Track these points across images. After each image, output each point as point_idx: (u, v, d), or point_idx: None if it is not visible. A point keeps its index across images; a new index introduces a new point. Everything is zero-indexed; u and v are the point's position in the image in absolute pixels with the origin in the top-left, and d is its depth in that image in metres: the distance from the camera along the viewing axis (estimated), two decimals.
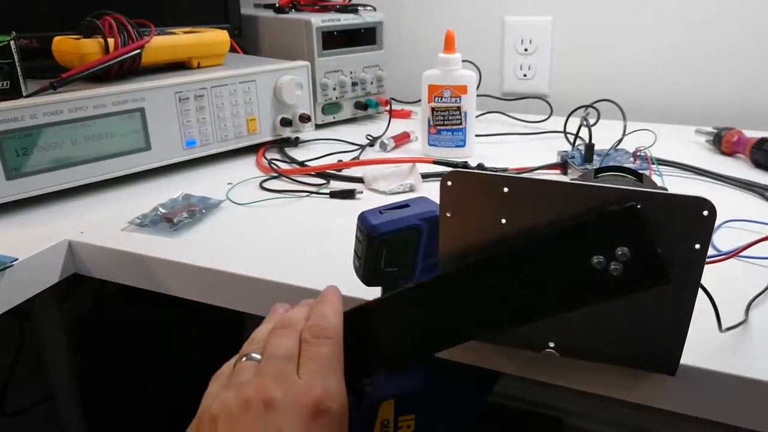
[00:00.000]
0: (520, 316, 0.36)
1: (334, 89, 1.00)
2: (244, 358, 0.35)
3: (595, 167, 0.74)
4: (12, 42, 0.64)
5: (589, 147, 0.76)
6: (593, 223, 0.33)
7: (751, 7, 0.95)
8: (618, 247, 0.32)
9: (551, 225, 0.34)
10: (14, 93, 0.65)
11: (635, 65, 1.04)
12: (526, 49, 1.10)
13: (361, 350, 0.36)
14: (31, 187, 0.66)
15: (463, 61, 0.81)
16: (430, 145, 0.84)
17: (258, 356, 0.35)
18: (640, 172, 0.43)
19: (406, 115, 1.06)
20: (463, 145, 0.83)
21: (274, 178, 0.76)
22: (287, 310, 0.40)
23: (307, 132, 0.91)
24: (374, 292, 0.46)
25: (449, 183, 0.36)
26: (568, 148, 0.82)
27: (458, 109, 0.81)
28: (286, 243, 0.59)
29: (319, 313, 0.37)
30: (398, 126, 0.95)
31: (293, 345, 0.35)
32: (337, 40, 0.99)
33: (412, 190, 0.71)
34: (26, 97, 0.66)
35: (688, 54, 1.01)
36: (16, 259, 0.55)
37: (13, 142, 0.64)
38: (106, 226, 0.63)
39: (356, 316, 0.38)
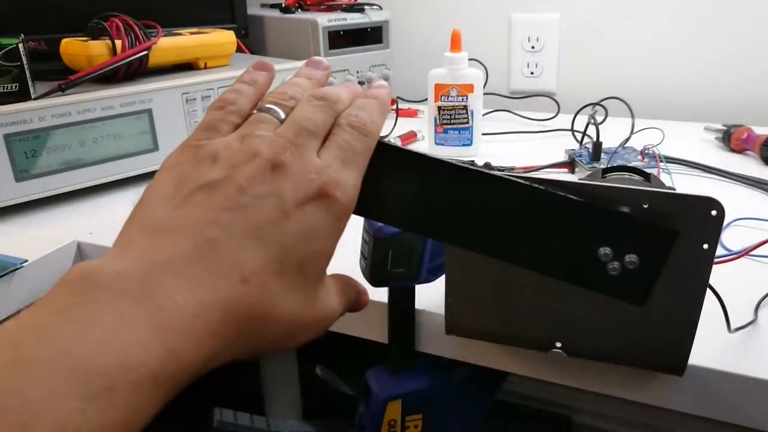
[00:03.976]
0: (505, 247, 0.33)
1: None
2: (264, 108, 0.31)
3: (602, 165, 0.74)
4: (20, 44, 0.65)
5: (597, 145, 0.76)
6: (630, 217, 0.32)
7: (761, 4, 0.94)
8: (632, 252, 0.31)
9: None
10: (23, 95, 0.65)
11: (643, 62, 1.04)
12: (533, 47, 1.10)
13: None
14: (39, 188, 0.67)
15: (469, 59, 0.81)
16: (437, 144, 0.84)
17: (282, 114, 0.31)
18: (648, 171, 0.43)
19: (412, 114, 1.06)
20: (470, 144, 0.83)
21: None
22: (328, 71, 0.36)
23: None
24: (381, 293, 0.46)
25: None
26: (576, 146, 0.81)
27: (465, 107, 0.81)
28: None
29: (366, 105, 0.32)
30: (405, 125, 0.95)
31: (325, 123, 0.31)
32: (343, 39, 0.99)
33: None
34: (35, 99, 0.66)
35: (696, 51, 1.00)
36: (26, 261, 0.56)
37: (22, 144, 0.64)
38: (115, 227, 0.63)
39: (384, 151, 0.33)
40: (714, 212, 0.32)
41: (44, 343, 0.21)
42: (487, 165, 0.77)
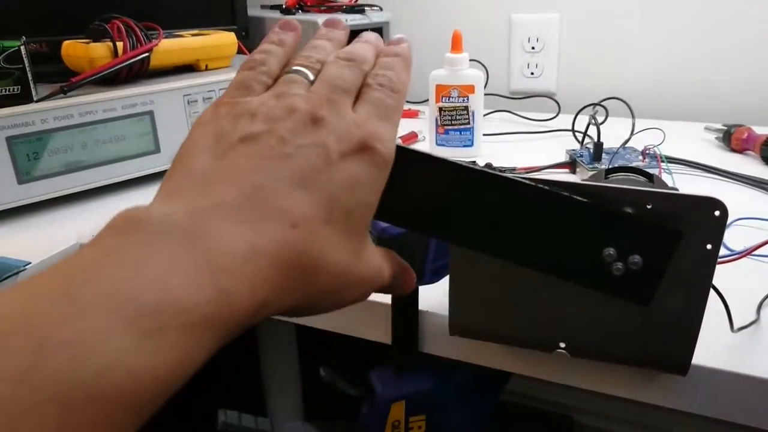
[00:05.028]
0: (509, 248, 0.33)
1: None
2: (293, 70, 0.31)
3: (603, 166, 0.74)
4: (22, 47, 0.65)
5: (598, 145, 0.76)
6: (634, 218, 0.32)
7: (759, 4, 0.94)
8: (635, 253, 0.31)
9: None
10: (25, 98, 0.65)
11: (643, 63, 1.04)
12: (533, 48, 1.10)
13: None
14: (42, 191, 0.67)
15: (470, 60, 0.81)
16: (438, 145, 0.84)
17: (312, 76, 0.31)
18: (651, 172, 0.43)
19: (413, 115, 1.06)
20: (471, 145, 0.83)
21: None
22: (347, 30, 0.35)
23: None
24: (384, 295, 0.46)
25: None
26: (577, 146, 0.81)
27: (466, 108, 0.81)
28: None
29: (391, 64, 0.33)
30: (406, 126, 0.95)
31: (356, 82, 0.31)
32: None
33: None
34: (37, 101, 0.66)
35: (696, 51, 1.00)
36: (29, 263, 0.56)
37: (24, 146, 0.64)
38: None
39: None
40: (717, 212, 0.32)
41: (95, 280, 0.20)
42: (489, 165, 0.77)
